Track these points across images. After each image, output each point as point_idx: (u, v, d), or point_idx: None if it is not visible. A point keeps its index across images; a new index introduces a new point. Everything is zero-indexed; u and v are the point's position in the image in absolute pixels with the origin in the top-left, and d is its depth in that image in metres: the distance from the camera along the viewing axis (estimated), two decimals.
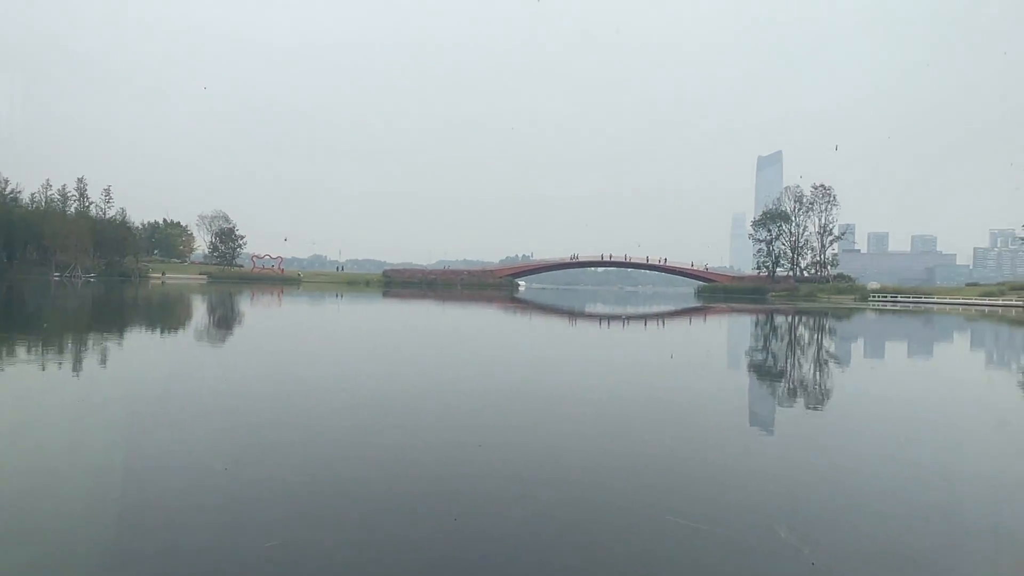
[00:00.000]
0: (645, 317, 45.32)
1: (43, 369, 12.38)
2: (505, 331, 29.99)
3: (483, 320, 37.29)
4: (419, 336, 25.07)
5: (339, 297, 62.28)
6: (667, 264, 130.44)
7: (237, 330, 25.66)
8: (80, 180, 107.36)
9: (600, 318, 42.35)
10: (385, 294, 77.64)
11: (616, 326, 35.46)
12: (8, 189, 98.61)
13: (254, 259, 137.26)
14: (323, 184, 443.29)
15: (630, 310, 57.21)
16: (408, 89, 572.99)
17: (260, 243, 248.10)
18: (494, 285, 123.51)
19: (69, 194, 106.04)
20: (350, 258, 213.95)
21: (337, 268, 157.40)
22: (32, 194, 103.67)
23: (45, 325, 23.38)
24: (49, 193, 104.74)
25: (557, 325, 35.98)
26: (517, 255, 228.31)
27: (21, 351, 15.43)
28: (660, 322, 39.97)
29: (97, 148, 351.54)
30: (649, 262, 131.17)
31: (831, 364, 19.19)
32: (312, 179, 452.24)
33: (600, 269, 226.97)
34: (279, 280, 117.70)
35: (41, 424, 8.17)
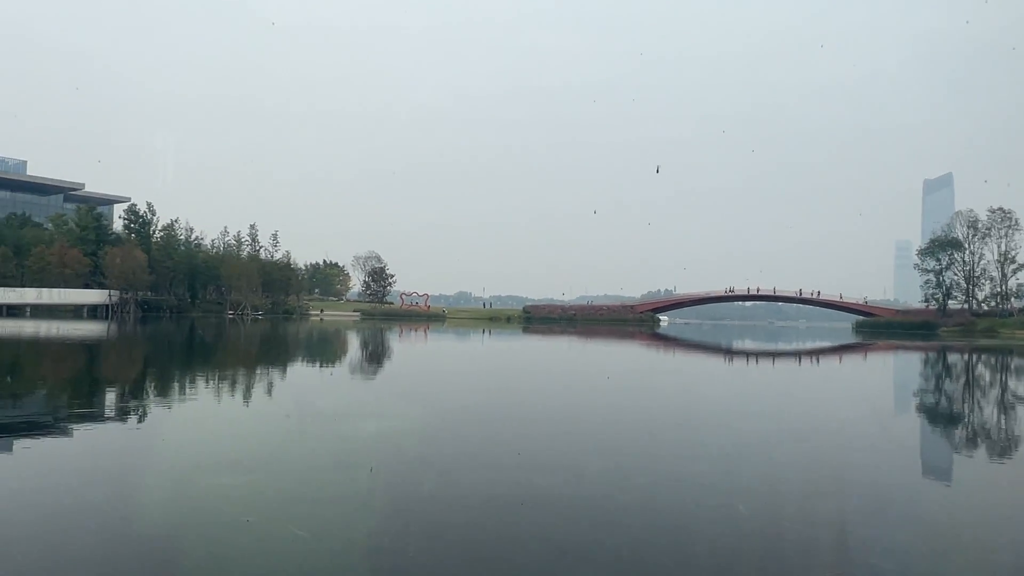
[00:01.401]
0: (798, 354, 42.71)
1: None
2: (641, 368, 29.33)
3: (624, 357, 36.69)
4: (564, 373, 25.06)
5: (487, 333, 63.73)
6: (820, 297, 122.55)
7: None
8: (252, 226, 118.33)
9: (747, 355, 40.38)
10: (525, 330, 78.63)
11: (764, 364, 33.62)
12: (193, 236, 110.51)
13: (403, 296, 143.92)
14: (467, 222, 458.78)
15: (781, 346, 54.21)
16: (540, 136, 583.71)
17: (409, 281, 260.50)
18: (635, 320, 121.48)
19: (243, 239, 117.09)
20: (493, 294, 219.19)
21: (484, 304, 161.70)
22: (212, 240, 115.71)
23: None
24: (226, 239, 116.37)
25: (696, 361, 34.71)
26: (659, 289, 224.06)
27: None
28: (814, 359, 37.47)
29: (268, 197, 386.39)
30: (801, 295, 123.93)
31: (1017, 414, 17.05)
32: (457, 219, 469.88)
33: (748, 303, 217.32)
34: (425, 316, 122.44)
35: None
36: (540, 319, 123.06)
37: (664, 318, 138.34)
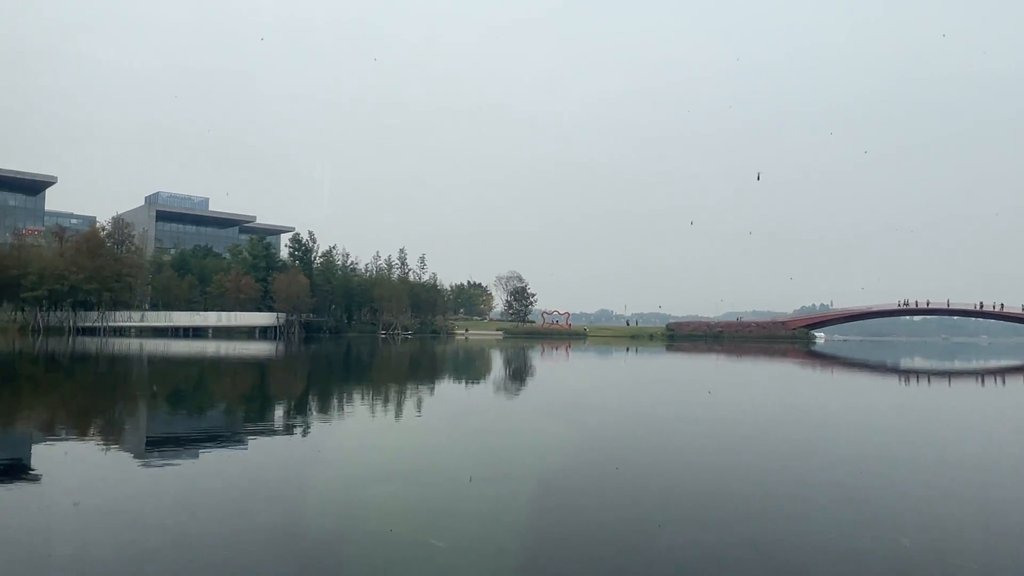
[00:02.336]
0: (979, 373, 38.60)
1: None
2: (798, 387, 27.71)
3: (779, 375, 34.87)
4: (714, 390, 24.27)
5: (630, 351, 62.99)
6: (1004, 311, 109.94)
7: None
8: (401, 250, 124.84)
9: (920, 374, 37.01)
10: (669, 347, 76.79)
11: (939, 384, 30.65)
12: (348, 261, 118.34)
13: (544, 315, 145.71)
14: (608, 240, 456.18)
15: (958, 364, 49.29)
16: (688, 146, 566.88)
17: (550, 299, 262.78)
18: (787, 337, 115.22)
19: (393, 263, 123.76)
20: (635, 311, 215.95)
21: (627, 322, 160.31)
22: (365, 264, 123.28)
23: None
24: (378, 263, 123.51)
25: (863, 381, 32.27)
26: (814, 304, 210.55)
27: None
28: (999, 379, 33.71)
29: (415, 223, 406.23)
30: (981, 308, 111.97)
31: None
32: (596, 236, 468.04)
33: (917, 318, 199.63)
34: (566, 335, 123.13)
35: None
36: (684, 336, 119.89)
37: (820, 335, 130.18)
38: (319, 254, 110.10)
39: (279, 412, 15.99)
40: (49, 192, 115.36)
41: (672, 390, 25.19)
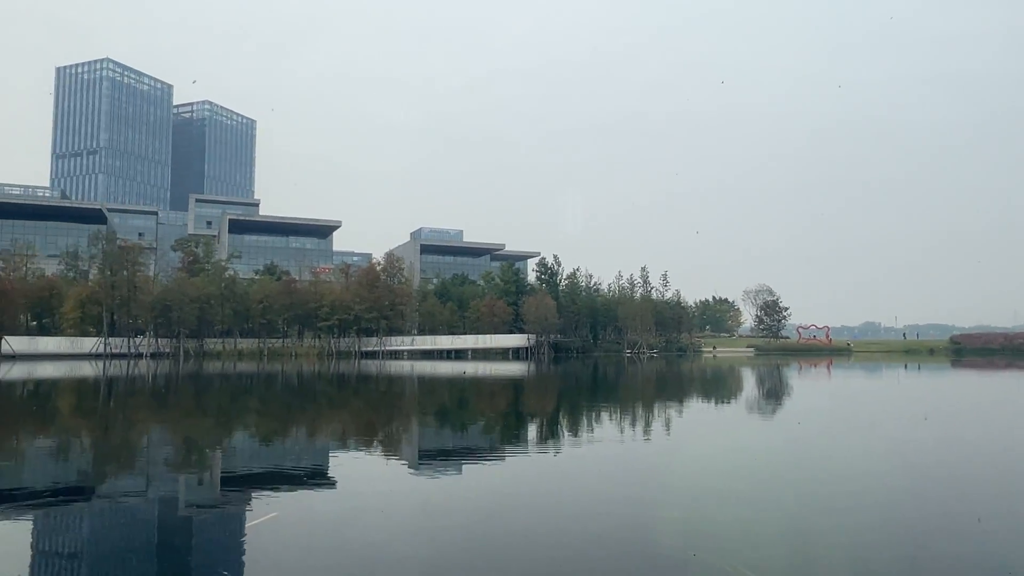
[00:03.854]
0: None
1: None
2: None
3: None
4: None
5: (915, 369, 56.46)
6: None
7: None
8: (643, 269, 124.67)
9: None
10: (955, 363, 67.25)
11: None
12: (592, 282, 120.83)
13: (799, 330, 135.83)
14: (872, 245, 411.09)
15: None
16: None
17: (806, 313, 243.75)
18: None
19: (635, 282, 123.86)
20: (908, 323, 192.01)
21: (903, 335, 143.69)
22: (608, 284, 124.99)
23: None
24: (620, 282, 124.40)
25: None
26: None
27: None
28: None
29: (656, 240, 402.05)
30: None
31: None
32: (857, 242, 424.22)
33: None
34: (827, 351, 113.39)
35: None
36: (974, 350, 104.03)
37: None
38: (564, 276, 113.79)
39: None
40: (336, 234, 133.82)
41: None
